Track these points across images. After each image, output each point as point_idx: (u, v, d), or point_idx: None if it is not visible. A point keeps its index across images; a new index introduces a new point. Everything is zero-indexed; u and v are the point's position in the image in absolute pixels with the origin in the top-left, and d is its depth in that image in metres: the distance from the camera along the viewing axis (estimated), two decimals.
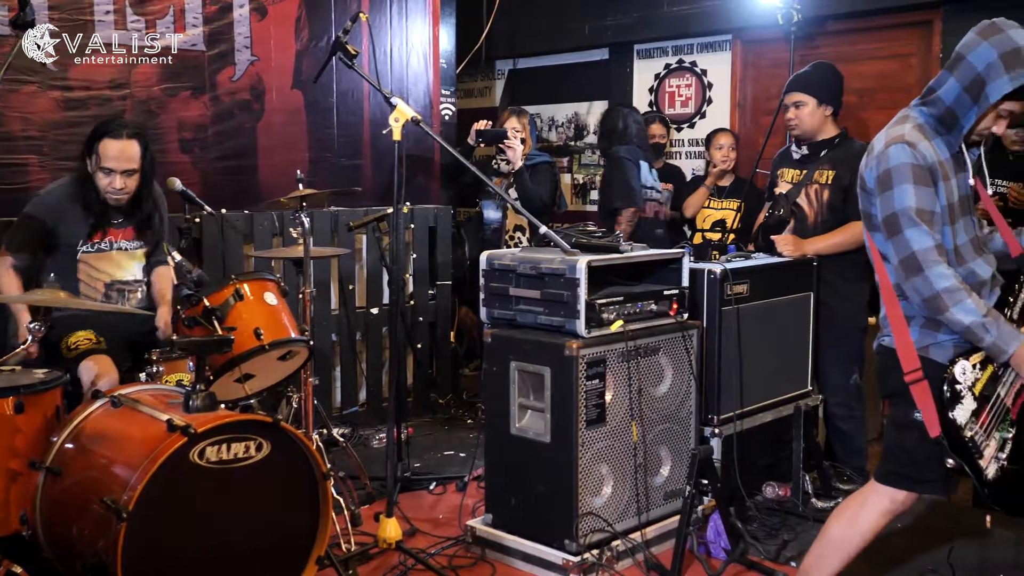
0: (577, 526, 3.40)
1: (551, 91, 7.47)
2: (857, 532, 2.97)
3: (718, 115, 6.48)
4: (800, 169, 4.40)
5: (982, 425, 2.77)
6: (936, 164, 2.75)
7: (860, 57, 5.75)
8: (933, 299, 2.69)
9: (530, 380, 3.52)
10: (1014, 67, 2.65)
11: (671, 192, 5.92)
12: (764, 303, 4.02)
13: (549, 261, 3.48)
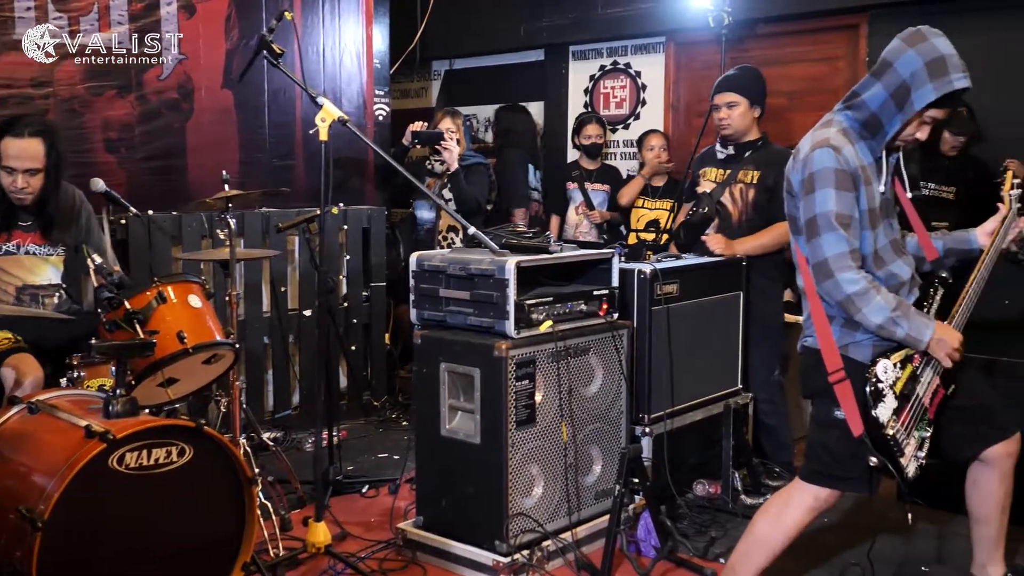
0: (507, 527, 3.40)
1: (488, 92, 7.46)
2: (782, 529, 3.01)
3: (652, 116, 6.54)
4: (724, 169, 4.46)
5: (903, 423, 2.82)
6: (858, 169, 2.80)
7: (789, 60, 5.85)
8: (845, 302, 2.75)
9: (460, 381, 3.51)
10: (938, 76, 2.71)
11: (608, 193, 5.96)
12: (694, 303, 4.06)
13: (478, 262, 3.48)
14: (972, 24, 5.08)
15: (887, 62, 2.78)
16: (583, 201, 6.00)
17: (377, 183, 5.88)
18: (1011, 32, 5.08)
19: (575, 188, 6.06)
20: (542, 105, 7.16)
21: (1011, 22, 5.08)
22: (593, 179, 6.04)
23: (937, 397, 2.92)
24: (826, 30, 5.69)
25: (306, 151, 5.50)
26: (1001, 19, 5.10)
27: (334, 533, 3.67)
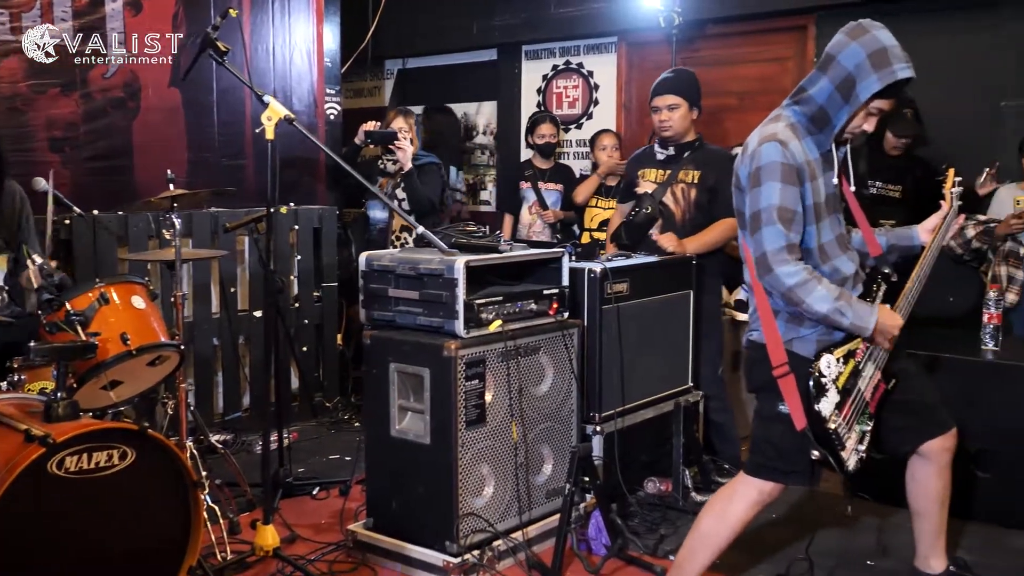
0: (458, 527, 3.39)
1: (441, 91, 7.45)
2: (727, 524, 3.04)
3: (604, 116, 6.57)
4: (664, 169, 4.49)
5: (844, 417, 2.86)
6: (804, 163, 2.83)
7: (739, 60, 5.91)
8: (787, 295, 2.78)
9: (410, 382, 3.49)
10: (882, 66, 2.74)
11: (561, 192, 5.96)
12: (644, 301, 4.07)
13: (427, 262, 3.46)
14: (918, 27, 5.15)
15: (831, 56, 2.81)
16: (536, 201, 5.98)
17: (328, 183, 5.85)
18: (956, 35, 5.17)
19: (528, 188, 6.04)
20: (495, 104, 7.16)
21: (956, 25, 5.17)
22: (546, 178, 6.03)
23: (878, 391, 2.96)
24: (775, 31, 5.75)
25: (256, 150, 5.45)
26: (946, 22, 5.18)
27: (283, 536, 3.65)
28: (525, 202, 6.06)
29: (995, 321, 4.10)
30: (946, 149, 5.12)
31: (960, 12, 5.14)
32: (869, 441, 2.95)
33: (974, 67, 5.14)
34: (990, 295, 4.13)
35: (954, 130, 5.15)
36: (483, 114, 7.28)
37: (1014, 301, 4.66)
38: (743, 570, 3.51)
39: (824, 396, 2.82)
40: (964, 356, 4.08)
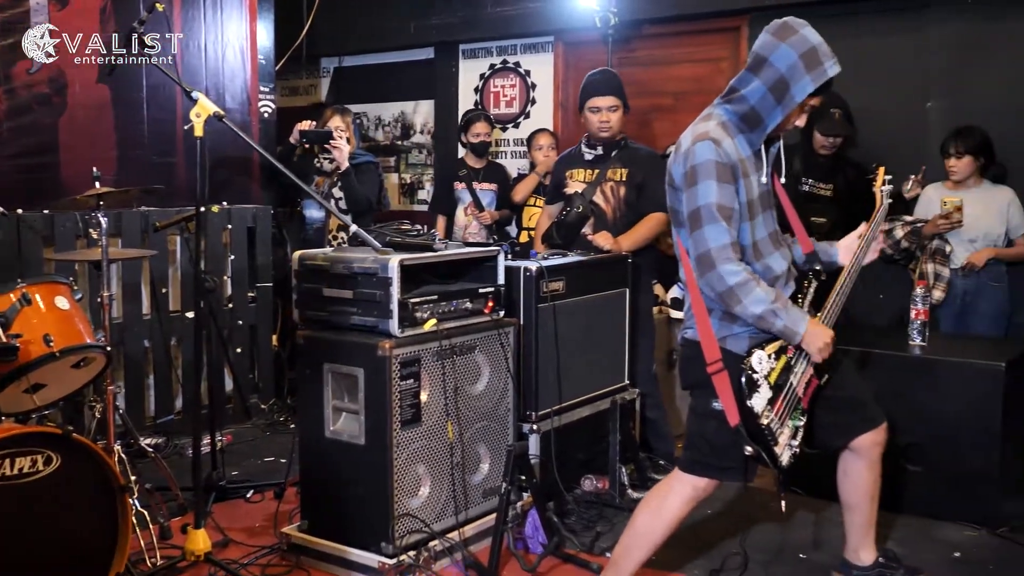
0: (393, 528, 3.36)
1: (377, 90, 7.40)
2: (662, 520, 3.05)
3: (542, 115, 6.57)
4: (592, 169, 4.54)
5: (777, 413, 2.89)
6: (738, 161, 2.85)
7: (674, 60, 5.95)
8: (726, 293, 2.79)
9: (344, 382, 3.46)
10: (814, 67, 2.78)
11: (496, 192, 5.94)
12: (580, 299, 4.08)
13: (361, 260, 3.43)
14: (847, 29, 5.25)
15: (762, 57, 2.84)
16: (472, 202, 5.91)
17: (263, 182, 5.77)
18: (884, 37, 5.27)
19: (463, 188, 5.96)
20: (432, 103, 7.13)
21: (884, 27, 5.27)
22: (481, 178, 5.97)
23: (811, 387, 2.99)
24: (708, 32, 5.81)
25: (187, 148, 5.35)
26: (874, 24, 5.28)
27: (216, 540, 3.59)
28: (460, 203, 5.98)
29: (922, 317, 4.18)
30: (875, 149, 5.21)
31: (887, 15, 5.24)
32: (802, 436, 2.98)
33: (901, 69, 5.25)
34: (917, 292, 4.22)
35: (883, 130, 5.24)
36: (420, 113, 7.24)
37: (940, 298, 4.76)
38: (678, 566, 3.54)
39: (756, 392, 2.85)
40: (893, 351, 4.16)
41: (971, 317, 4.78)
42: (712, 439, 2.95)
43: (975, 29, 5.02)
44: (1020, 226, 4.69)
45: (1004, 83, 4.95)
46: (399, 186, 7.37)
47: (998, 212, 4.69)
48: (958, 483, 3.94)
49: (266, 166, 5.68)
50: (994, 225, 4.68)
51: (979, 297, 4.76)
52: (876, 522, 3.33)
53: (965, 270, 4.73)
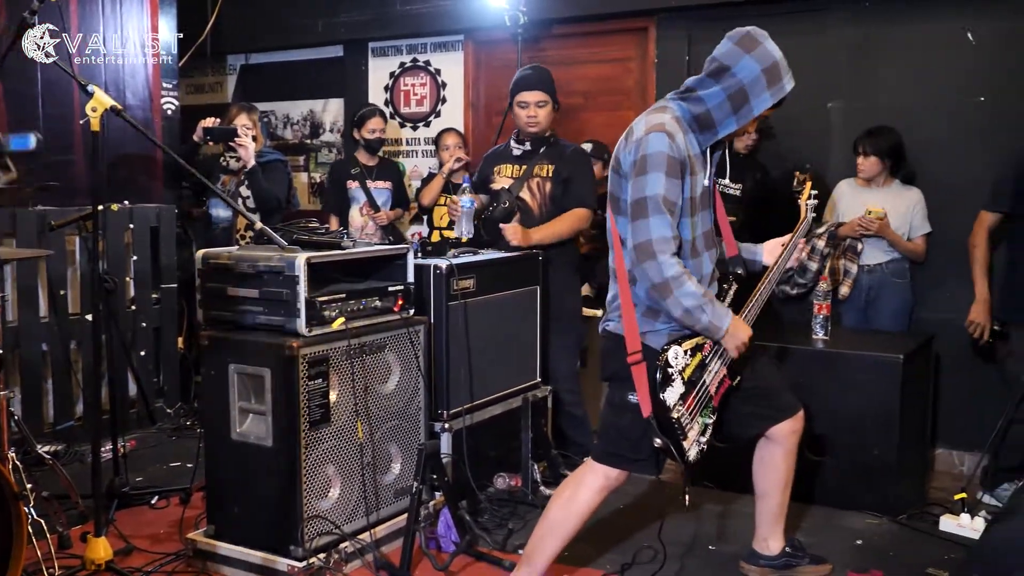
0: (303, 530, 3.30)
1: (286, 88, 7.28)
2: (574, 511, 3.07)
3: (452, 114, 6.55)
4: (519, 165, 4.54)
5: (688, 408, 2.92)
6: (687, 158, 2.88)
7: (583, 60, 5.99)
8: (660, 284, 2.80)
9: (250, 382, 3.39)
10: (774, 83, 2.84)
11: (391, 190, 5.79)
12: (491, 297, 4.08)
13: (267, 259, 3.36)
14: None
15: (725, 66, 2.86)
16: (367, 201, 5.67)
17: (166, 180, 5.62)
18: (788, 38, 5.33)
19: (356, 187, 5.69)
20: (342, 102, 7.04)
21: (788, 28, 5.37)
22: (374, 176, 5.74)
23: (723, 387, 3.04)
24: (617, 32, 5.86)
25: (87, 145, 5.18)
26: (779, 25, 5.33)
27: (119, 548, 3.50)
28: (355, 203, 5.69)
29: (824, 311, 4.29)
30: (780, 149, 5.34)
31: (792, 16, 5.35)
32: (711, 433, 3.03)
33: (805, 69, 5.35)
34: (820, 287, 4.32)
35: (787, 130, 5.35)
36: (330, 111, 7.15)
37: (846, 294, 4.87)
38: (591, 560, 3.56)
39: (670, 386, 2.88)
40: (797, 345, 4.25)
41: (875, 312, 4.90)
42: (626, 431, 2.98)
43: (873, 31, 5.17)
44: (920, 227, 4.84)
45: (901, 84, 5.10)
46: (309, 185, 7.26)
47: (904, 212, 4.82)
48: (860, 473, 4.05)
49: (170, 164, 5.54)
50: (899, 225, 4.81)
51: (883, 293, 4.88)
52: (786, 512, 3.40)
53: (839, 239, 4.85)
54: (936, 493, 4.59)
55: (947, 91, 4.99)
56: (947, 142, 4.99)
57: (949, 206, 4.91)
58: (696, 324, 2.87)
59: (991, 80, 4.87)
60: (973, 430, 4.75)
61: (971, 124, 4.95)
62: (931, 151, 4.98)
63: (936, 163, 5.00)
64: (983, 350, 4.86)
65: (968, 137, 4.95)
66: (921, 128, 4.93)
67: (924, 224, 4.83)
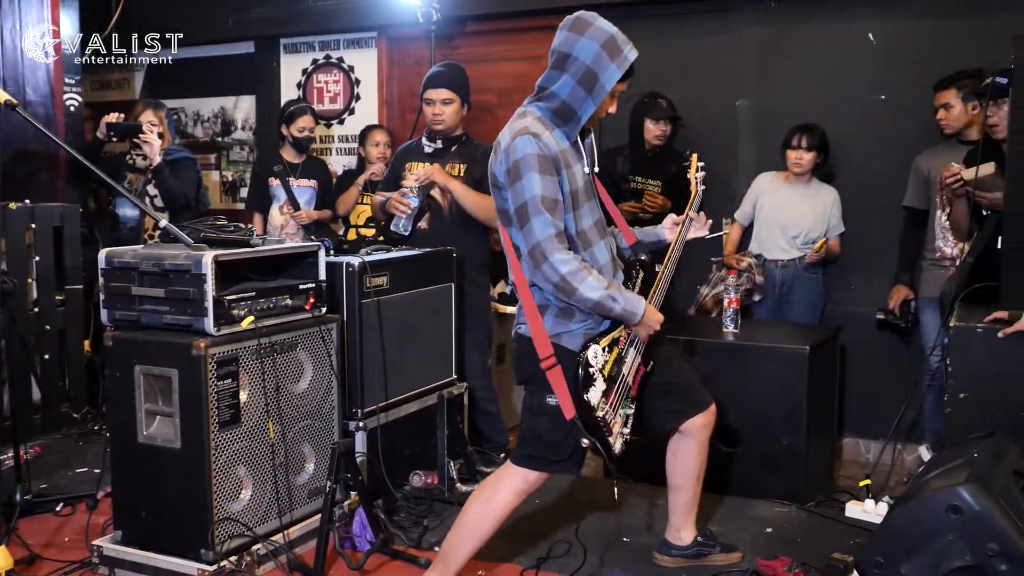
0: (213, 533, 3.25)
1: (196, 84, 7.13)
2: (492, 512, 3.08)
3: (367, 111, 6.51)
4: (431, 163, 4.52)
5: (611, 404, 2.95)
6: (558, 153, 2.89)
7: (497, 58, 6.01)
8: (560, 283, 2.81)
9: (157, 384, 3.31)
10: (616, 54, 2.85)
11: (316, 189, 5.73)
12: (405, 294, 4.06)
13: (173, 257, 3.29)
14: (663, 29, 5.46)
15: (565, 54, 2.88)
16: (288, 199, 5.59)
17: (69, 178, 5.46)
18: (698, 37, 5.48)
19: (278, 185, 5.60)
20: (254, 99, 6.94)
21: (697, 27, 5.48)
22: (298, 174, 5.67)
23: (639, 374, 3.07)
24: (530, 30, 5.87)
25: None
26: (688, 25, 5.48)
27: (21, 557, 3.39)
28: (275, 201, 5.62)
29: (734, 305, 4.37)
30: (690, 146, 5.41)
31: (702, 15, 5.45)
32: (633, 424, 3.06)
33: (715, 68, 5.47)
34: (729, 281, 4.40)
35: (697, 127, 5.45)
36: (241, 109, 7.04)
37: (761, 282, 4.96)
38: (508, 556, 3.56)
39: (592, 385, 2.90)
40: (709, 339, 4.33)
41: (788, 306, 5.01)
42: (545, 434, 2.99)
43: (780, 30, 5.29)
44: (837, 227, 4.97)
45: (806, 82, 5.23)
46: (220, 184, 7.14)
47: (822, 211, 4.94)
48: (770, 463, 4.14)
49: (73, 162, 5.37)
50: (816, 224, 4.92)
51: (796, 287, 4.98)
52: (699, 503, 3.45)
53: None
54: (844, 481, 4.72)
55: (850, 89, 5.14)
56: (851, 139, 5.14)
57: (853, 202, 5.05)
58: (610, 313, 2.89)
59: (891, 78, 5.02)
60: (878, 419, 4.90)
61: (873, 121, 5.10)
62: (835, 148, 5.12)
63: (841, 160, 5.14)
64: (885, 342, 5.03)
65: (870, 134, 5.11)
66: (825, 125, 5.06)
67: (839, 224, 4.97)
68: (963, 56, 4.71)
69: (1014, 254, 3.76)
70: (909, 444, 4.94)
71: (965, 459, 2.97)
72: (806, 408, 4.08)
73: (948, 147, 4.68)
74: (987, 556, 2.67)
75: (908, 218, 4.85)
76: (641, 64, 3.04)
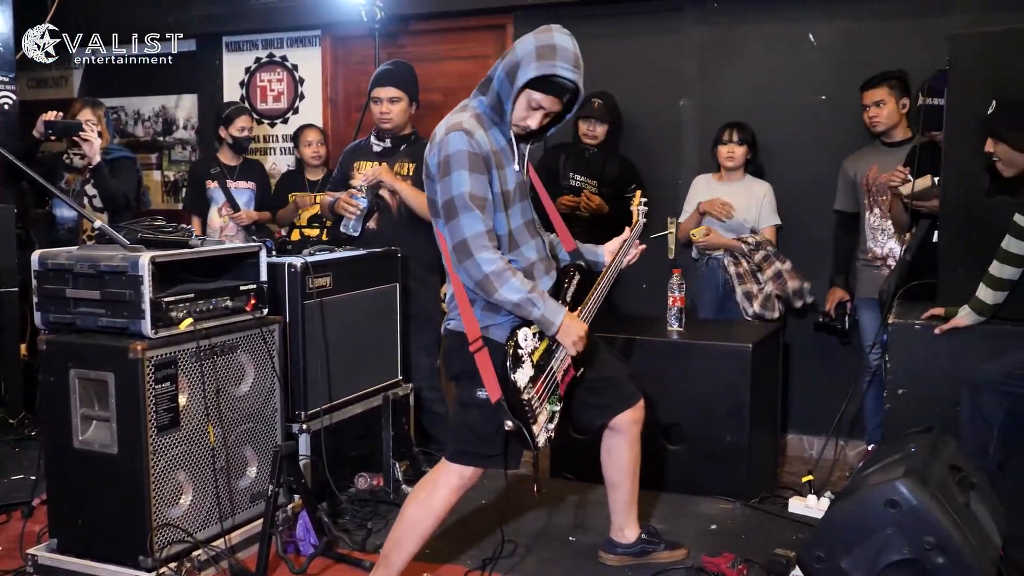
0: (152, 540, 3.19)
1: (136, 83, 7.01)
2: (431, 511, 3.06)
3: (311, 110, 6.45)
4: (380, 162, 4.50)
5: (537, 392, 2.94)
6: (490, 152, 2.88)
7: (442, 57, 5.99)
8: (483, 281, 2.81)
9: (93, 388, 3.24)
10: (544, 59, 2.81)
11: (254, 190, 5.65)
12: (349, 295, 4.03)
13: (109, 259, 3.22)
14: (608, 29, 5.49)
15: (512, 50, 2.89)
16: (226, 201, 5.53)
17: (2, 178, 5.32)
18: (643, 37, 5.51)
19: (216, 187, 5.54)
20: (195, 98, 6.84)
21: (642, 27, 5.50)
22: (236, 176, 5.60)
23: (568, 376, 3.07)
24: (475, 29, 5.88)
25: None
26: (634, 25, 5.51)
27: None
28: (213, 203, 5.56)
29: (679, 303, 4.39)
30: (636, 145, 5.46)
31: (646, 15, 5.48)
32: (561, 422, 3.06)
33: (658, 68, 5.51)
34: (673, 280, 4.42)
35: (642, 127, 5.49)
36: (183, 108, 6.93)
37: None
38: (452, 557, 3.54)
39: (520, 367, 2.88)
40: (653, 337, 4.35)
41: (732, 304, 5.05)
42: (476, 428, 2.98)
43: (722, 31, 5.34)
44: (768, 218, 5.01)
45: (746, 83, 5.29)
46: (162, 184, 7.03)
47: (756, 204, 4.98)
48: (714, 459, 4.17)
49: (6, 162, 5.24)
50: (749, 217, 4.97)
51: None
52: (638, 501, 3.47)
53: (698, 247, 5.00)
54: (788, 477, 4.78)
55: (791, 90, 5.20)
56: (792, 140, 5.21)
57: (794, 202, 5.12)
58: (529, 317, 2.89)
59: (831, 79, 5.09)
60: (821, 416, 4.96)
61: (813, 122, 5.17)
62: (776, 148, 5.18)
63: (781, 159, 5.20)
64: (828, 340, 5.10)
65: (812, 135, 5.17)
66: (767, 125, 5.12)
67: (773, 216, 5.01)
68: (901, 58, 4.79)
69: (950, 252, 3.83)
70: (852, 440, 5.01)
71: (903, 454, 3.01)
72: (750, 405, 4.11)
73: (873, 149, 4.78)
74: (924, 549, 2.71)
75: (839, 221, 4.93)
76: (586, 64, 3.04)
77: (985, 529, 2.93)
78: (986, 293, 3.55)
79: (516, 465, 3.06)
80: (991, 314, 3.58)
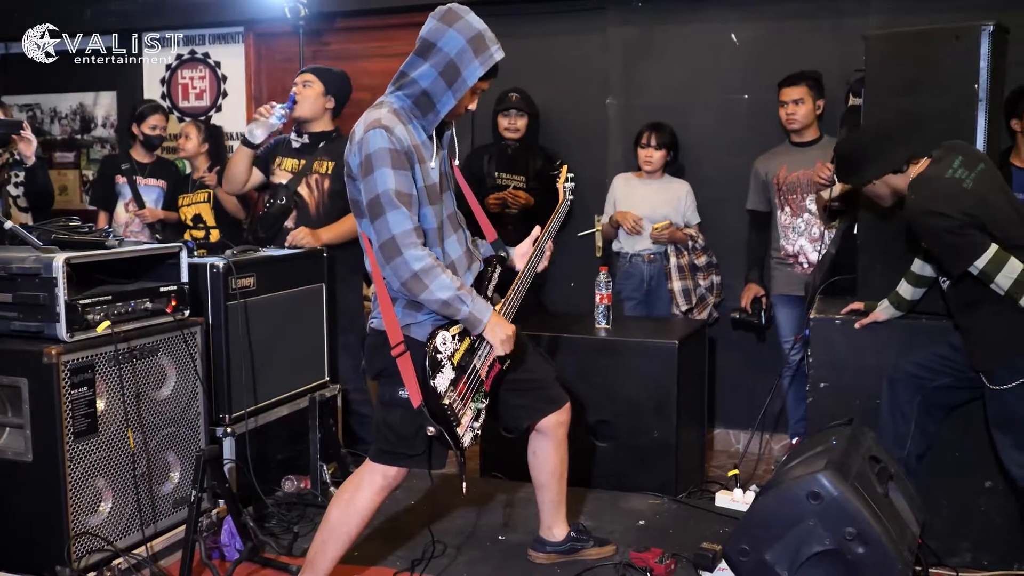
0: (70, 549, 3.10)
1: (52, 79, 6.80)
2: (356, 512, 3.03)
3: (234, 108, 6.34)
4: (299, 159, 4.44)
5: (460, 394, 2.93)
6: (412, 148, 2.85)
7: (367, 55, 5.95)
8: (411, 280, 2.79)
9: (5, 394, 3.15)
10: (481, 51, 2.83)
11: (164, 189, 5.52)
12: (273, 296, 3.97)
13: (21, 260, 3.13)
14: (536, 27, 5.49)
15: (430, 43, 2.85)
16: (132, 197, 5.41)
17: None
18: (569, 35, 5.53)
19: (124, 183, 5.43)
20: (115, 95, 6.67)
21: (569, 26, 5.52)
22: (147, 173, 5.49)
23: (494, 371, 3.06)
24: (398, 27, 5.81)
25: None
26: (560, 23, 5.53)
27: None
28: (121, 199, 5.46)
29: (606, 301, 4.42)
30: (562, 143, 5.47)
31: (572, 14, 5.50)
32: (488, 419, 3.05)
33: (584, 66, 5.53)
34: (600, 277, 4.44)
35: (568, 125, 5.51)
36: (101, 105, 6.75)
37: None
38: (381, 559, 3.52)
39: (440, 372, 2.87)
40: (580, 335, 4.37)
41: (656, 300, 5.09)
42: (398, 428, 2.95)
43: (646, 31, 5.38)
44: (691, 216, 5.07)
45: (672, 82, 5.34)
46: (80, 183, 6.84)
47: (676, 203, 5.03)
48: (642, 455, 4.20)
49: None
50: (671, 215, 5.01)
51: (663, 283, 5.06)
52: (567, 498, 3.48)
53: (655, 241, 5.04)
54: (715, 471, 4.84)
55: (713, 89, 5.26)
56: (714, 138, 5.27)
57: (716, 199, 5.18)
58: (456, 315, 2.87)
59: (753, 79, 5.16)
60: (747, 410, 5.03)
61: (736, 121, 5.24)
62: (699, 146, 5.24)
63: (703, 158, 5.27)
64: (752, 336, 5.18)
65: (733, 133, 5.24)
66: (690, 125, 5.18)
67: (694, 214, 5.07)
68: (821, 58, 4.89)
69: (869, 248, 3.91)
70: (776, 433, 5.09)
71: (824, 447, 3.06)
72: (676, 401, 4.15)
73: (784, 149, 4.87)
74: (845, 540, 2.76)
75: (751, 220, 5.01)
76: (510, 63, 3.04)
77: (903, 518, 3.00)
78: (905, 289, 3.63)
79: (441, 465, 3.03)
80: (908, 309, 3.66)
